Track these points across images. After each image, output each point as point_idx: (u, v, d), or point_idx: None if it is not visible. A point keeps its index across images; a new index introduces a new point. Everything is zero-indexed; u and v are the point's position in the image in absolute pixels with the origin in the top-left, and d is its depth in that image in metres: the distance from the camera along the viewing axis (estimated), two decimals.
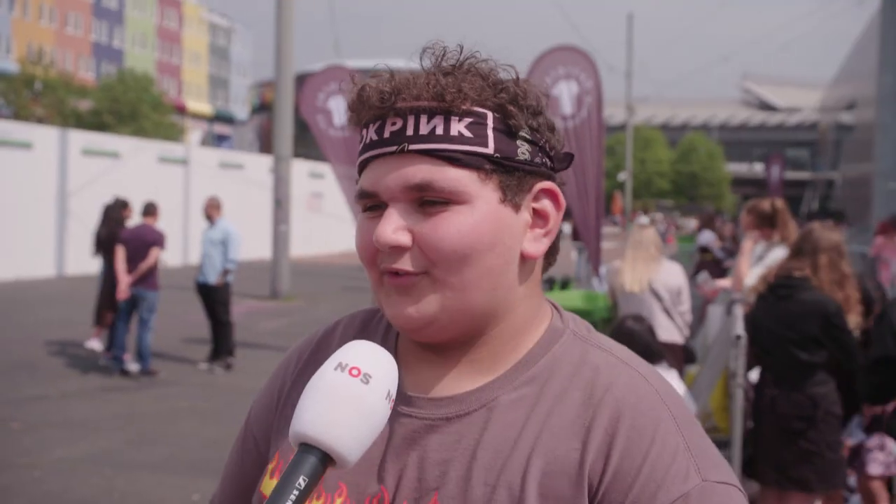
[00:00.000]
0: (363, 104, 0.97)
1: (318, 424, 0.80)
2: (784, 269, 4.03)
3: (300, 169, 26.65)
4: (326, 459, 0.80)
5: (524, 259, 0.99)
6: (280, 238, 16.56)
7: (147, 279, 8.96)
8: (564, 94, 9.15)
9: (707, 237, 12.07)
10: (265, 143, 56.46)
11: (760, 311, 4.11)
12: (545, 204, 1.00)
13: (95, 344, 9.91)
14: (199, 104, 70.56)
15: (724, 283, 6.90)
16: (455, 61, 0.97)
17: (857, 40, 74.31)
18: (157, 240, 9.02)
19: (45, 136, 19.45)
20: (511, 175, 0.96)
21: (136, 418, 7.39)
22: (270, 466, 1.04)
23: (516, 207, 0.97)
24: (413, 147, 0.94)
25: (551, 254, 1.03)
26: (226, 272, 9.59)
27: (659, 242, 5.83)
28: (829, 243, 4.01)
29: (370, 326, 1.12)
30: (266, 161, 24.62)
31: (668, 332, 5.71)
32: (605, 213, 19.05)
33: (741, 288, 5.70)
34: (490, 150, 0.94)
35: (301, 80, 15.29)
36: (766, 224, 5.66)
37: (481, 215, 0.93)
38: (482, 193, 0.94)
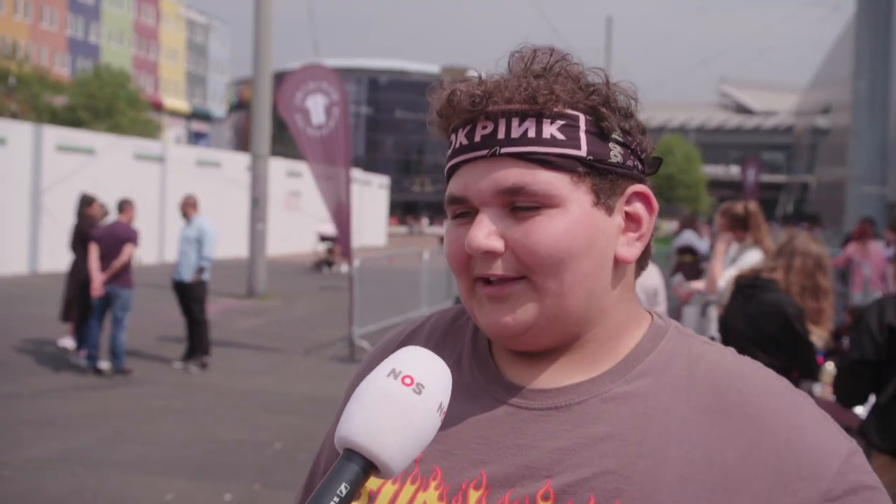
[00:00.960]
0: (453, 109, 0.96)
1: (365, 431, 0.78)
2: (754, 270, 4.05)
3: (278, 167, 26.55)
4: (369, 468, 0.78)
5: (617, 263, 0.97)
6: (257, 236, 16.49)
7: (121, 277, 8.88)
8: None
9: (688, 237, 12.11)
10: (243, 141, 56.23)
11: (729, 312, 4.13)
12: (637, 207, 0.99)
13: (68, 342, 9.82)
14: (177, 101, 70.12)
15: (699, 284, 6.94)
16: (545, 64, 0.96)
17: (833, 46, 75.11)
18: (131, 237, 8.96)
19: (18, 132, 19.23)
20: (604, 178, 0.95)
21: (109, 417, 7.32)
22: None
23: (609, 210, 0.96)
24: (505, 150, 0.93)
25: (644, 258, 1.02)
26: (200, 270, 9.53)
27: None
28: (807, 249, 3.99)
29: (459, 323, 1.10)
30: (243, 159, 24.51)
31: None
32: None
33: (714, 290, 5.74)
34: (583, 152, 0.94)
35: (279, 78, 15.23)
36: (740, 226, 5.68)
37: (575, 218, 0.93)
38: (575, 196, 0.93)
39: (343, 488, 0.76)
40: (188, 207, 9.72)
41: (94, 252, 8.85)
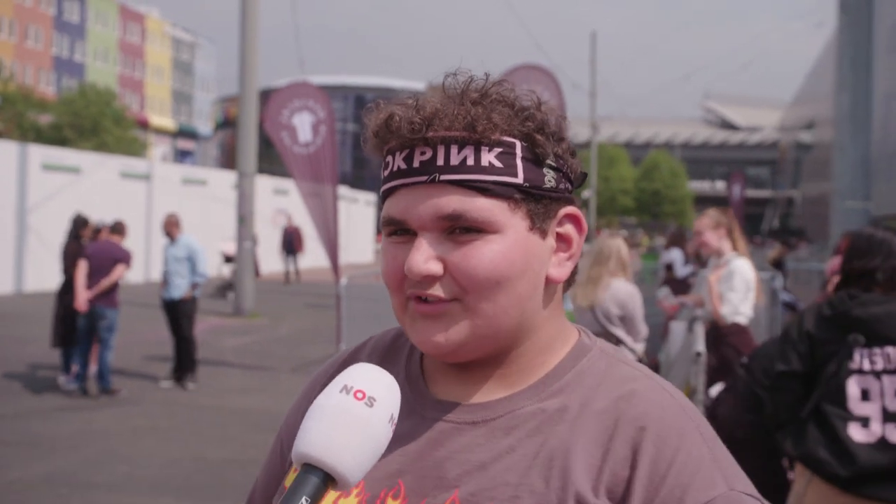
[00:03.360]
0: (391, 132, 0.98)
1: (322, 445, 0.82)
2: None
3: (264, 185, 26.52)
4: (328, 480, 0.82)
5: (548, 282, 1.01)
6: (244, 255, 16.45)
7: (107, 296, 8.82)
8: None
9: (674, 255, 12.06)
10: (229, 159, 56.13)
11: None
12: (569, 229, 1.02)
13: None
14: (162, 119, 70.02)
15: (685, 298, 6.93)
16: (481, 89, 0.98)
17: (816, 62, 75.76)
18: (124, 257, 8.91)
19: (4, 151, 19.15)
20: (539, 203, 0.98)
21: (94, 437, 7.27)
22: (293, 469, 1.05)
23: (543, 234, 0.99)
24: (445, 177, 0.95)
25: (573, 279, 1.05)
26: (194, 286, 9.58)
27: (620, 256, 5.51)
28: None
29: (398, 344, 1.13)
30: (230, 177, 24.47)
31: None
32: None
33: (703, 304, 5.72)
34: (520, 179, 0.96)
35: (266, 95, 15.25)
36: (724, 226, 5.68)
37: (511, 243, 0.95)
38: (512, 222, 0.96)
39: (304, 501, 0.79)
40: (172, 227, 9.70)
41: (82, 268, 8.79)
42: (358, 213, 37.80)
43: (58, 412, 8.11)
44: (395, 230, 0.99)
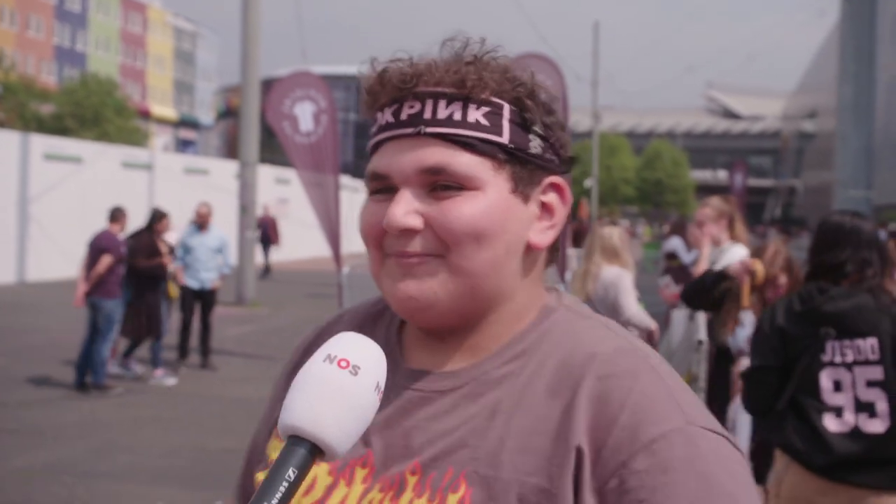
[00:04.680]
0: (383, 87, 0.98)
1: (307, 416, 0.80)
2: None
3: (266, 175, 26.52)
4: (315, 451, 0.81)
5: (529, 250, 1.00)
6: (246, 244, 16.46)
7: (102, 287, 8.55)
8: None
9: (676, 243, 12.07)
10: (231, 149, 56.13)
11: None
12: (552, 198, 1.02)
13: (136, 367, 9.49)
14: (164, 109, 69.95)
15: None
16: (476, 53, 0.99)
17: (818, 52, 75.50)
18: (109, 246, 8.63)
19: (5, 141, 19.15)
20: (523, 167, 0.98)
21: (97, 426, 7.29)
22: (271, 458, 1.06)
23: (525, 199, 0.99)
24: (430, 130, 0.95)
25: (554, 249, 1.05)
26: (222, 277, 10.14)
27: (615, 245, 5.46)
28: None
29: (374, 312, 1.13)
30: (231, 167, 24.47)
31: None
32: (572, 219, 19.14)
33: None
34: (505, 139, 0.96)
35: (267, 85, 15.23)
36: (726, 217, 5.65)
37: (492, 202, 0.95)
38: (494, 182, 0.96)
39: (291, 472, 0.79)
40: (207, 217, 9.91)
41: (83, 262, 8.73)
42: (359, 202, 37.63)
43: (60, 401, 8.13)
44: (379, 188, 0.99)
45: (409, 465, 0.94)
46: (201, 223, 9.91)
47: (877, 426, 2.84)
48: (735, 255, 5.52)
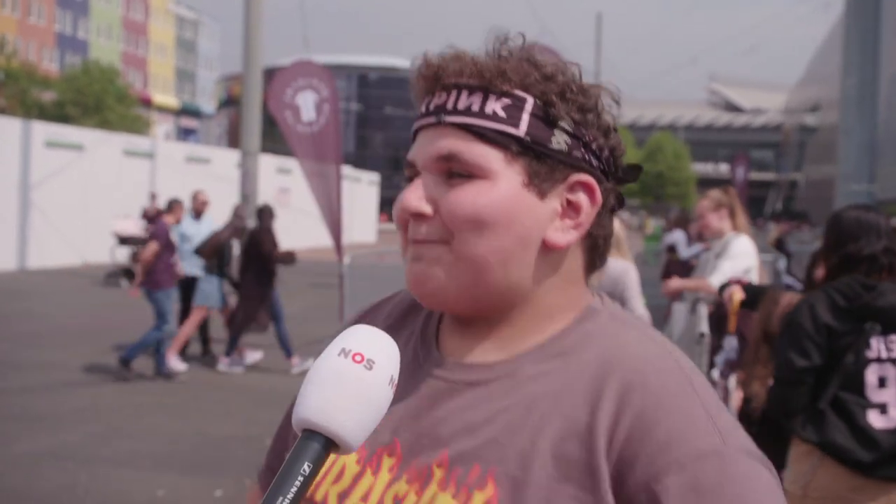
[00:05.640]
0: (419, 79, 1.02)
1: (322, 410, 0.81)
2: None
3: (268, 164, 26.50)
4: (330, 445, 0.81)
5: (547, 248, 0.99)
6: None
7: (151, 277, 8.60)
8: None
9: (676, 237, 12.08)
10: (232, 138, 56.09)
11: None
12: (580, 197, 0.99)
13: (256, 355, 9.62)
14: (166, 97, 69.87)
15: (687, 282, 6.86)
16: (514, 48, 1.00)
17: (822, 44, 75.28)
18: (156, 234, 8.76)
19: (7, 128, 19.14)
20: (541, 161, 0.97)
21: (99, 412, 7.32)
22: None
23: (542, 194, 0.98)
24: (448, 119, 0.98)
25: (596, 255, 1.04)
26: None
27: (618, 236, 5.38)
28: None
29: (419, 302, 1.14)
30: (233, 156, 24.46)
31: None
32: None
33: (710, 289, 5.64)
34: (520, 132, 0.97)
35: (269, 74, 15.21)
36: (726, 206, 5.64)
37: (500, 193, 0.96)
38: (506, 173, 0.96)
39: (306, 467, 0.79)
40: (203, 205, 9.97)
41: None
42: (361, 192, 37.77)
43: (62, 387, 8.16)
44: (410, 175, 1.02)
45: (436, 457, 0.94)
46: (200, 211, 9.89)
47: None
48: (738, 242, 5.50)
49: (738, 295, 4.29)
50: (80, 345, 10.28)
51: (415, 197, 0.98)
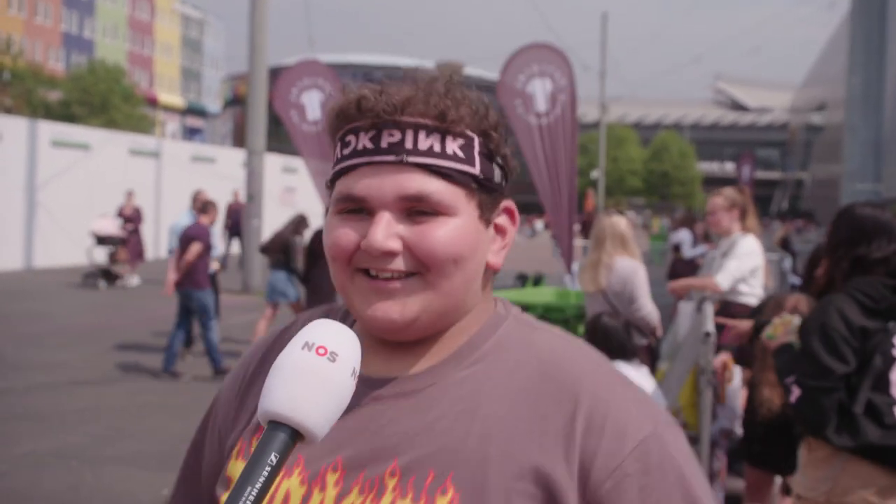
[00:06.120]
0: (361, 112, 1.02)
1: (287, 401, 0.82)
2: None
3: (273, 163, 26.52)
4: (295, 436, 0.83)
5: (487, 268, 1.08)
6: (252, 232, 16.47)
7: (191, 277, 8.73)
8: (539, 92, 9.22)
9: (682, 236, 12.06)
10: (238, 137, 56.09)
11: None
12: (504, 220, 1.10)
13: None
14: (171, 96, 69.97)
15: (692, 281, 6.83)
16: (446, 85, 1.04)
17: (827, 43, 75.12)
18: (198, 235, 8.82)
19: (13, 127, 19.18)
20: (489, 195, 1.06)
21: (104, 412, 7.32)
22: (234, 451, 1.09)
23: (487, 223, 1.07)
24: (412, 159, 1.00)
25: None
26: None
27: (625, 234, 5.40)
28: None
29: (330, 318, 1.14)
30: (238, 155, 24.47)
31: None
32: (578, 210, 19.10)
33: (717, 288, 5.60)
34: (477, 171, 1.04)
35: (275, 73, 15.21)
36: (739, 207, 5.58)
37: (465, 227, 1.02)
38: (467, 209, 1.03)
39: (273, 457, 0.81)
40: (210, 205, 9.97)
41: (174, 255, 8.91)
42: None
43: (67, 387, 8.17)
44: (351, 208, 1.03)
45: (387, 468, 0.98)
46: (203, 209, 9.87)
47: None
48: (745, 242, 5.46)
49: (730, 371, 4.38)
50: (84, 345, 10.30)
51: (382, 235, 0.99)
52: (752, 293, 5.48)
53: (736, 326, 3.97)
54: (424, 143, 1.01)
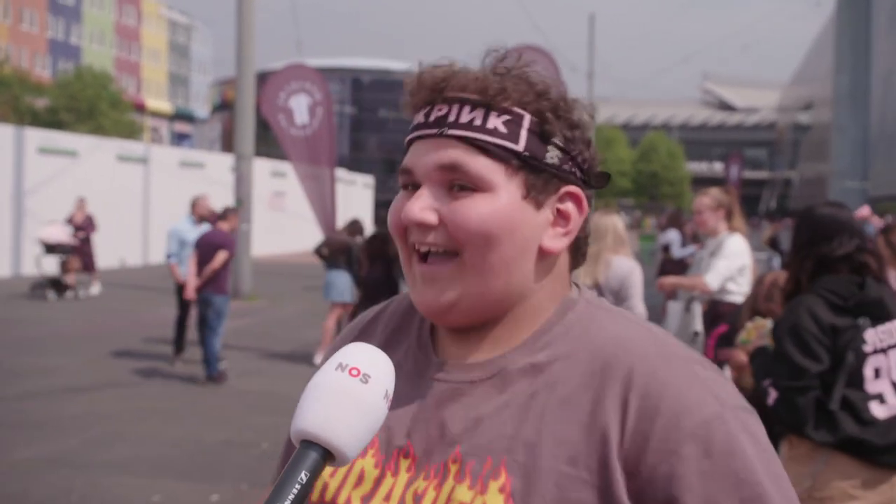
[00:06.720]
0: (420, 89, 1.06)
1: (319, 421, 0.84)
2: None
3: (262, 168, 26.49)
4: (326, 455, 0.84)
5: (543, 253, 1.06)
6: (241, 237, 16.45)
7: (214, 283, 8.86)
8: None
9: (671, 236, 12.10)
10: (226, 142, 55.97)
11: None
12: (569, 206, 1.07)
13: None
14: (159, 102, 69.77)
15: (681, 280, 6.86)
16: (510, 66, 1.06)
17: (814, 42, 75.46)
18: (225, 243, 8.92)
19: (0, 135, 19.10)
20: (537, 175, 1.04)
21: (96, 419, 7.30)
22: None
23: (538, 205, 1.05)
24: (451, 132, 1.03)
25: (578, 254, 1.12)
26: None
27: (617, 232, 5.46)
28: None
29: (413, 308, 1.18)
30: (227, 160, 24.43)
31: None
32: None
33: (706, 288, 5.63)
34: (520, 147, 1.03)
35: (263, 78, 15.20)
36: (725, 208, 5.63)
37: (503, 205, 1.02)
38: (507, 186, 1.02)
39: (304, 475, 0.82)
40: (206, 211, 9.98)
41: (193, 258, 8.95)
42: (355, 195, 37.74)
43: (60, 393, 8.14)
44: (406, 182, 1.06)
45: (450, 454, 1.00)
46: (201, 215, 9.91)
47: None
48: (732, 241, 5.51)
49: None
50: (77, 351, 10.28)
51: (418, 207, 1.02)
52: (741, 292, 5.51)
53: (732, 358, 3.96)
54: (466, 116, 1.03)
